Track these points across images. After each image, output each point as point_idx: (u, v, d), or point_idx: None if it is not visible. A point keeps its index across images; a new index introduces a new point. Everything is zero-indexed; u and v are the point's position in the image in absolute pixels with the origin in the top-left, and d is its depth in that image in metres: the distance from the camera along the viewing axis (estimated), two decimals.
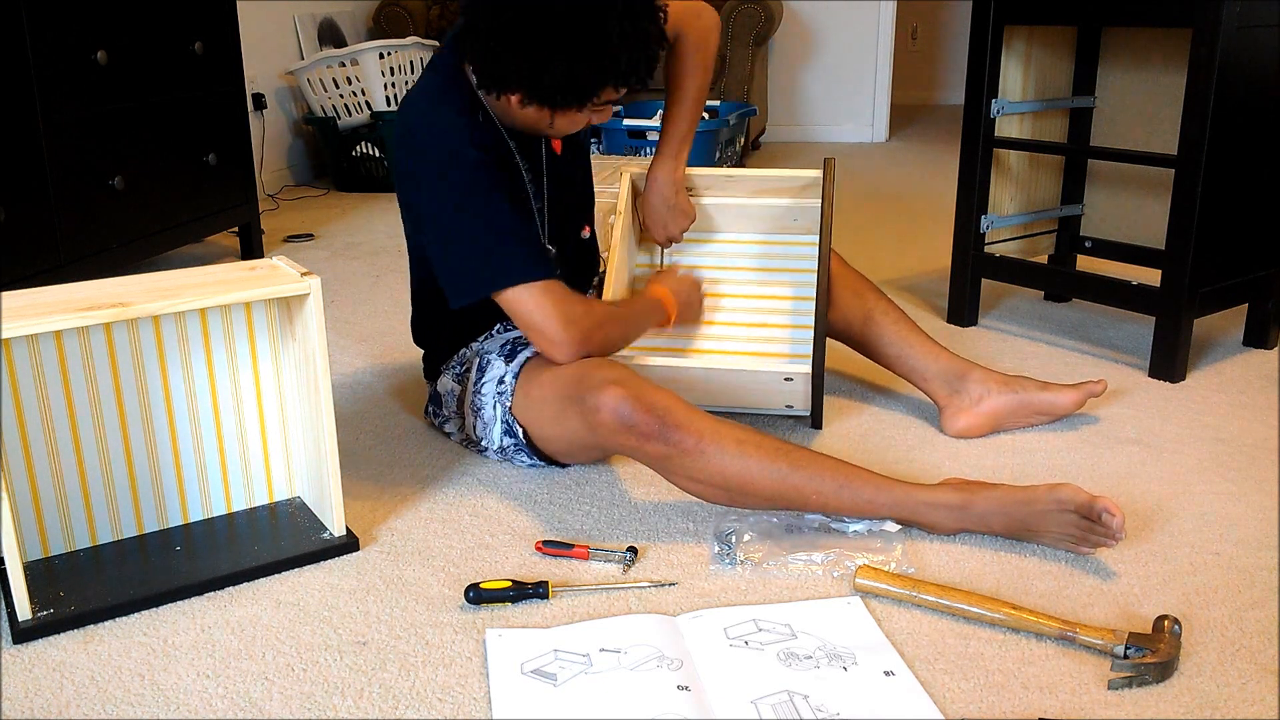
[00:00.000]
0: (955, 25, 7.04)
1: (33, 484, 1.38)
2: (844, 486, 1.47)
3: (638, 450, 1.48)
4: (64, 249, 2.35)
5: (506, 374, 1.65)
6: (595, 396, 1.47)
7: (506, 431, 1.66)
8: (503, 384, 1.65)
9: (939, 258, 3.00)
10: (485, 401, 1.67)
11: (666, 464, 1.48)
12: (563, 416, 1.55)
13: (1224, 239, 2.04)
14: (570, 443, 1.59)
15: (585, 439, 1.54)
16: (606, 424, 1.47)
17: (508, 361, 1.66)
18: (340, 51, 4.10)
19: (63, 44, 2.32)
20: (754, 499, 1.49)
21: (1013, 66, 2.34)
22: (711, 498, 1.51)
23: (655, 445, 1.46)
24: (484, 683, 1.19)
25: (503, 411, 1.65)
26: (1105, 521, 1.37)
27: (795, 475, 1.46)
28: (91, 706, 1.16)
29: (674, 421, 1.46)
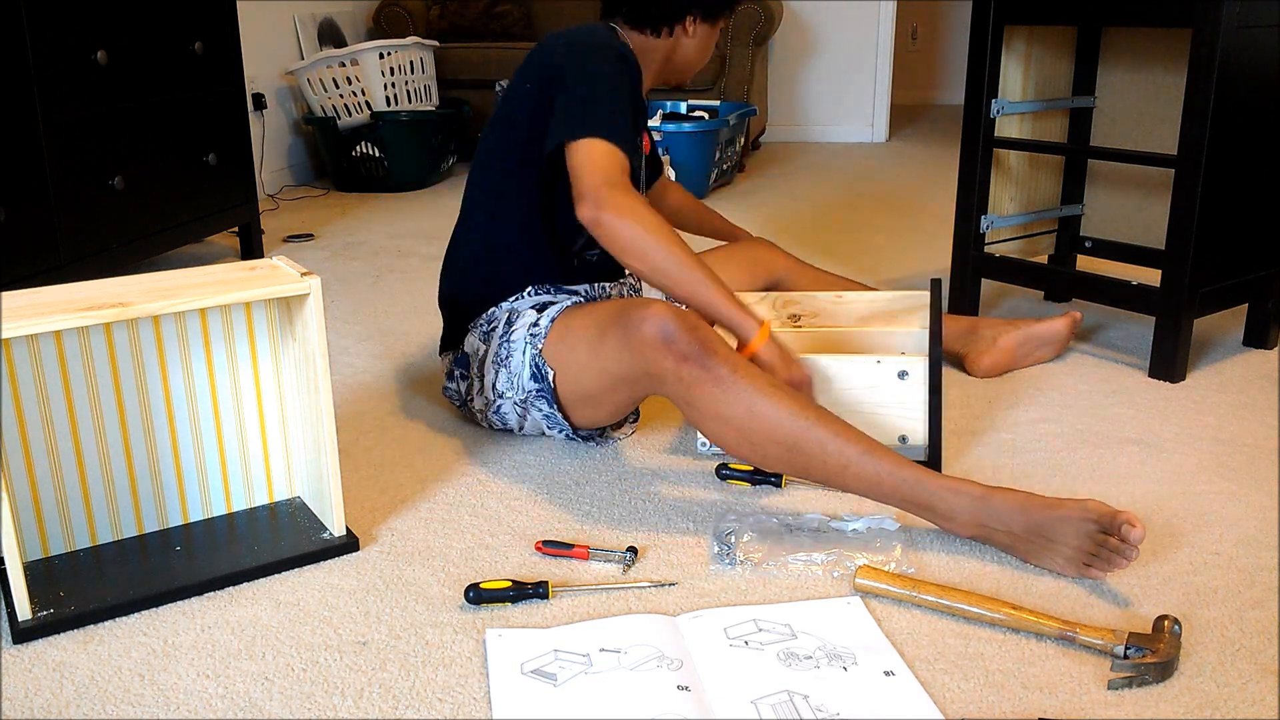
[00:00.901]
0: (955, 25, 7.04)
1: (33, 484, 1.38)
2: (866, 454, 1.43)
3: (671, 372, 1.47)
4: (64, 249, 2.35)
5: (542, 319, 1.68)
6: (640, 313, 1.50)
7: (534, 376, 1.67)
8: (537, 326, 1.68)
9: (939, 258, 3.00)
10: (515, 347, 1.69)
11: (695, 390, 1.47)
12: (601, 343, 1.57)
13: (1224, 239, 2.04)
14: (600, 376, 1.59)
15: (621, 364, 1.54)
16: (648, 339, 1.48)
17: (540, 311, 1.71)
18: (340, 51, 4.10)
19: (63, 44, 2.32)
20: (773, 447, 1.45)
21: (1013, 66, 2.34)
22: (730, 441, 1.48)
23: (691, 367, 1.46)
24: (484, 683, 1.19)
25: (533, 354, 1.66)
26: (1125, 534, 1.32)
27: (819, 430, 1.44)
28: (91, 706, 1.16)
29: (711, 349, 1.47)
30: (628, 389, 1.60)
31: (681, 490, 1.64)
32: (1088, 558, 1.36)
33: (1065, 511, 1.37)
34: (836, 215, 3.70)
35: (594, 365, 1.60)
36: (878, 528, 1.49)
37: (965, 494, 1.42)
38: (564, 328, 1.65)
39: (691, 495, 1.63)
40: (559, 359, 1.65)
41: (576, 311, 1.67)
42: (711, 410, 1.47)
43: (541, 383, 1.67)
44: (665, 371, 1.48)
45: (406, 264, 3.03)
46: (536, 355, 1.66)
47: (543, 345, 1.66)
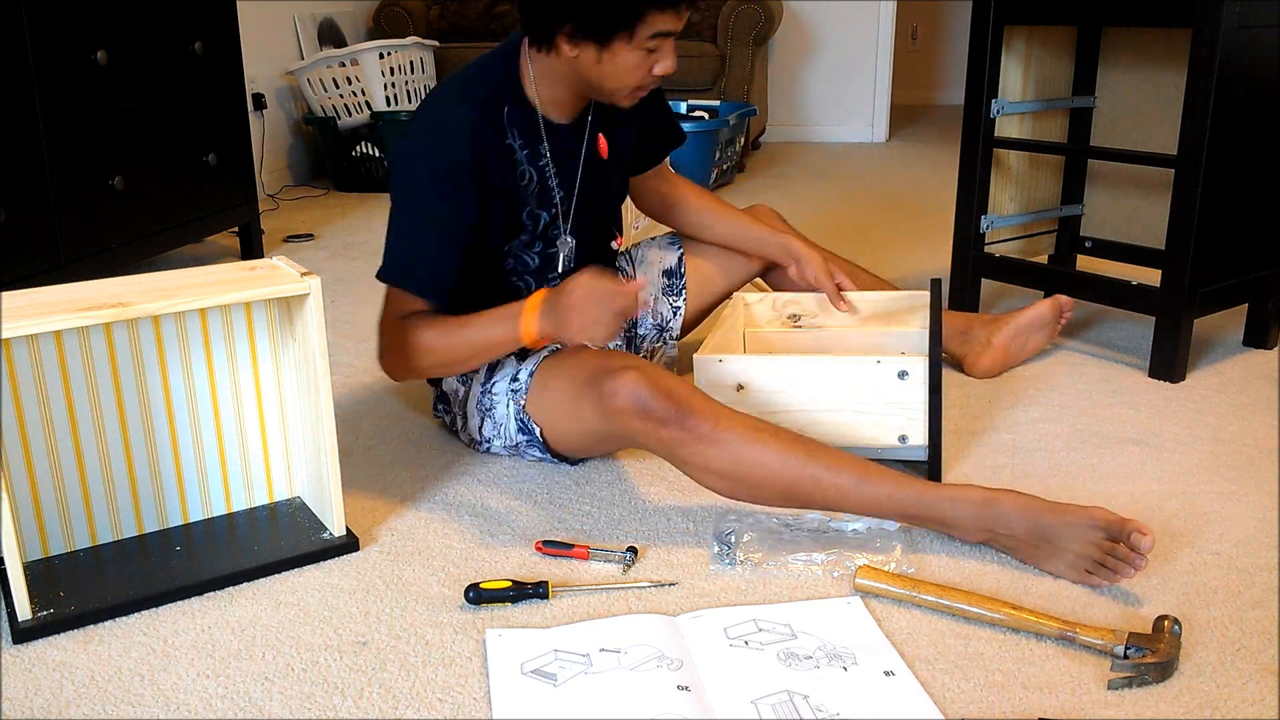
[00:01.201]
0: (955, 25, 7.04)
1: (33, 484, 1.38)
2: (863, 480, 1.43)
3: (652, 436, 1.46)
4: (64, 249, 2.35)
5: (521, 371, 1.64)
6: (612, 381, 1.47)
7: (520, 429, 1.66)
8: (516, 381, 1.64)
9: (939, 258, 3.00)
10: (498, 400, 1.67)
11: (680, 451, 1.46)
12: (578, 406, 1.54)
13: (1224, 239, 2.04)
14: (584, 435, 1.58)
15: (600, 427, 1.52)
16: (622, 409, 1.46)
17: (519, 360, 1.66)
18: (340, 51, 4.10)
19: (63, 44, 2.32)
20: (768, 491, 1.46)
21: (1013, 66, 2.34)
22: (725, 490, 1.48)
23: (670, 430, 1.44)
24: (484, 683, 1.19)
25: (517, 410, 1.65)
26: (1134, 542, 1.30)
27: (812, 465, 1.43)
28: (91, 706, 1.16)
29: (689, 407, 1.45)
30: (614, 443, 1.60)
31: (681, 490, 1.64)
32: (1092, 565, 1.35)
33: (1071, 517, 1.36)
34: (836, 215, 3.70)
35: (575, 427, 1.59)
36: (878, 528, 1.49)
37: (968, 501, 1.41)
38: (541, 387, 1.61)
39: (691, 495, 1.63)
40: (542, 412, 1.62)
41: (551, 367, 1.62)
42: (701, 465, 1.47)
43: (530, 435, 1.66)
44: (647, 437, 1.48)
45: None
46: (520, 411, 1.64)
47: (525, 401, 1.63)
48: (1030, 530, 1.38)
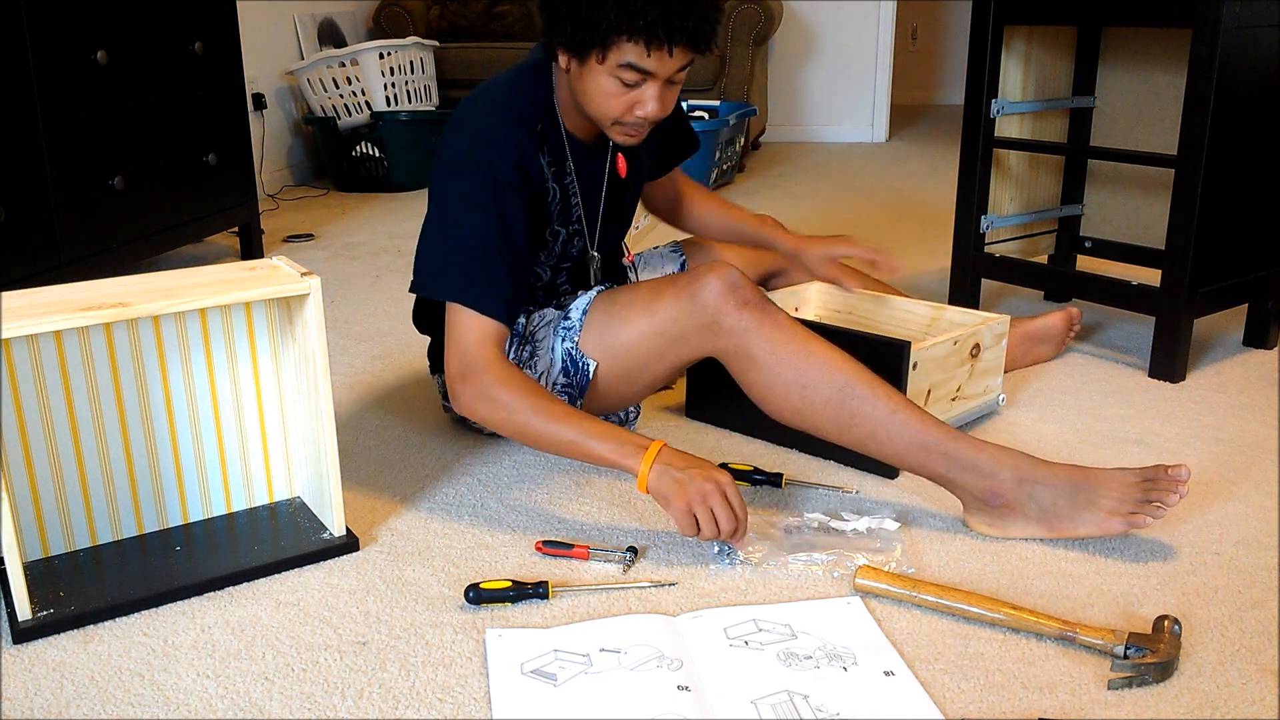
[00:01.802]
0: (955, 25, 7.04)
1: (33, 484, 1.38)
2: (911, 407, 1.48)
3: (731, 316, 1.51)
4: (64, 249, 2.35)
5: (572, 310, 1.65)
6: (704, 270, 1.54)
7: (566, 370, 1.63)
8: (568, 319, 1.64)
9: (939, 258, 3.00)
10: (541, 346, 1.66)
11: (753, 336, 1.50)
12: (655, 304, 1.57)
13: (1224, 239, 2.04)
14: (652, 340, 1.58)
15: (677, 321, 1.55)
16: (713, 286, 1.51)
17: (559, 308, 1.69)
18: (340, 51, 4.10)
19: (63, 44, 2.32)
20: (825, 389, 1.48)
21: (1013, 66, 2.34)
22: (780, 390, 1.51)
23: (752, 311, 1.51)
24: (484, 683, 1.19)
25: (568, 348, 1.63)
26: (1172, 474, 1.38)
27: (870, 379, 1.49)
28: (91, 706, 1.16)
29: (770, 302, 1.54)
30: (677, 351, 1.58)
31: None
32: (1134, 505, 1.40)
33: (1106, 471, 1.44)
34: (836, 215, 3.70)
35: (646, 329, 1.58)
36: (878, 528, 1.49)
37: (1008, 452, 1.45)
38: (606, 308, 1.62)
39: None
40: (599, 345, 1.61)
41: (613, 293, 1.65)
42: (766, 355, 1.51)
43: (572, 376, 1.63)
44: (726, 317, 1.51)
45: (406, 264, 3.03)
46: (573, 348, 1.63)
47: (579, 338, 1.62)
48: (1070, 480, 1.43)
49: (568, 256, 1.74)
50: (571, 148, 1.65)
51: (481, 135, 1.56)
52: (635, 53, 1.45)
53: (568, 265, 1.75)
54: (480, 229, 1.52)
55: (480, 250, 1.52)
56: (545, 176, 1.62)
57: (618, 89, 1.50)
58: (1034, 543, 1.47)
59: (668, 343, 1.58)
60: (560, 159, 1.64)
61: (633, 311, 1.60)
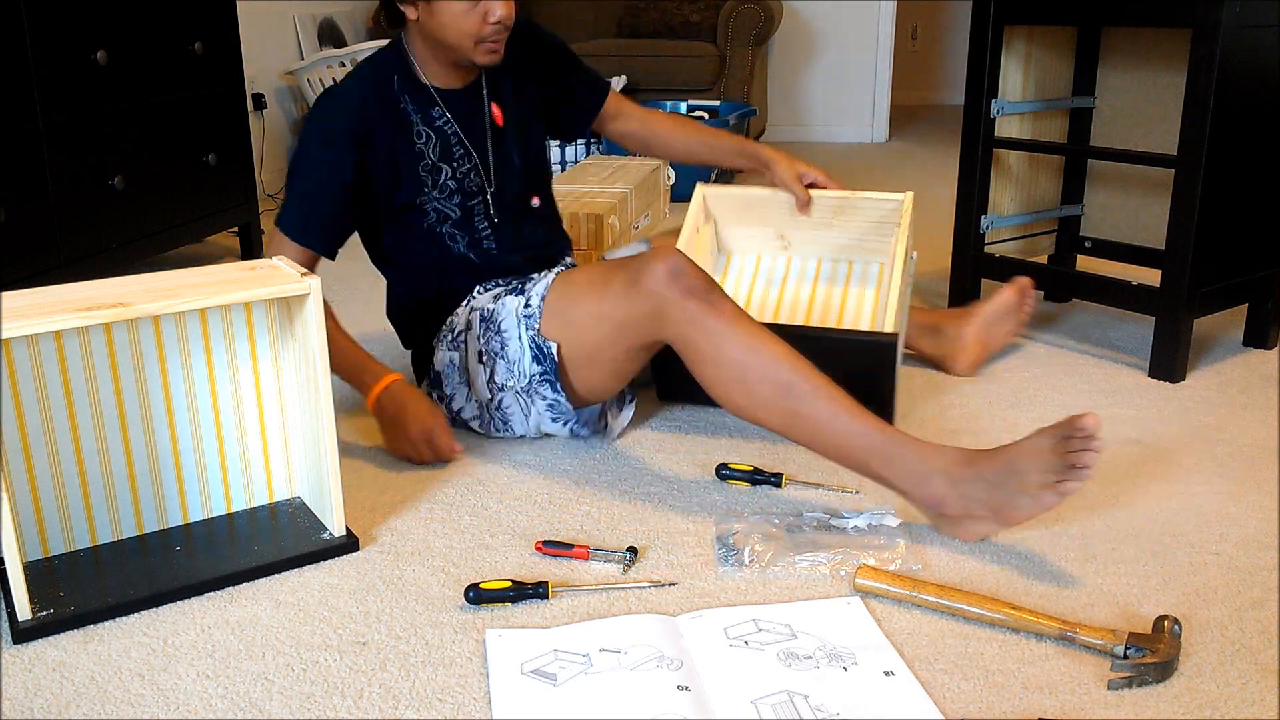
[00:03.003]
0: (955, 25, 7.04)
1: (33, 484, 1.38)
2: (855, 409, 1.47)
3: (677, 306, 1.53)
4: (64, 249, 2.35)
5: (531, 297, 1.70)
6: (653, 258, 1.57)
7: (536, 358, 1.68)
8: (528, 308, 1.69)
9: (939, 258, 3.00)
10: (508, 336, 1.70)
11: (700, 325, 1.53)
12: (605, 288, 1.61)
13: (1224, 239, 2.04)
14: (604, 324, 1.62)
15: (626, 308, 1.58)
16: (657, 274, 1.54)
17: (520, 292, 1.73)
18: (340, 51, 4.09)
19: (63, 44, 2.32)
20: (766, 388, 1.49)
21: (1013, 66, 2.34)
22: (724, 383, 1.53)
23: (697, 302, 1.53)
24: (484, 683, 1.19)
25: (531, 334, 1.68)
26: (1080, 426, 1.33)
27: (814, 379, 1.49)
28: (91, 706, 1.16)
29: (716, 288, 1.56)
30: (630, 336, 1.61)
31: (681, 490, 1.64)
32: (1058, 472, 1.34)
33: (1023, 444, 1.38)
34: None
35: (596, 313, 1.63)
36: (879, 524, 1.49)
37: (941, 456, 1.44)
38: (562, 290, 1.68)
39: (691, 495, 1.63)
40: (558, 328, 1.67)
41: (570, 275, 1.71)
42: (711, 349, 1.53)
43: (544, 363, 1.68)
44: (671, 306, 1.54)
45: None
46: (535, 335, 1.68)
47: (540, 324, 1.68)
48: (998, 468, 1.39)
49: (470, 193, 1.80)
50: (442, 96, 1.78)
51: (329, 94, 1.79)
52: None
53: (476, 203, 1.81)
54: (306, 177, 1.75)
55: (302, 185, 1.75)
56: (411, 121, 1.77)
57: (469, 8, 1.66)
58: (1034, 543, 1.47)
59: (617, 328, 1.62)
60: (426, 105, 1.78)
61: (585, 295, 1.66)
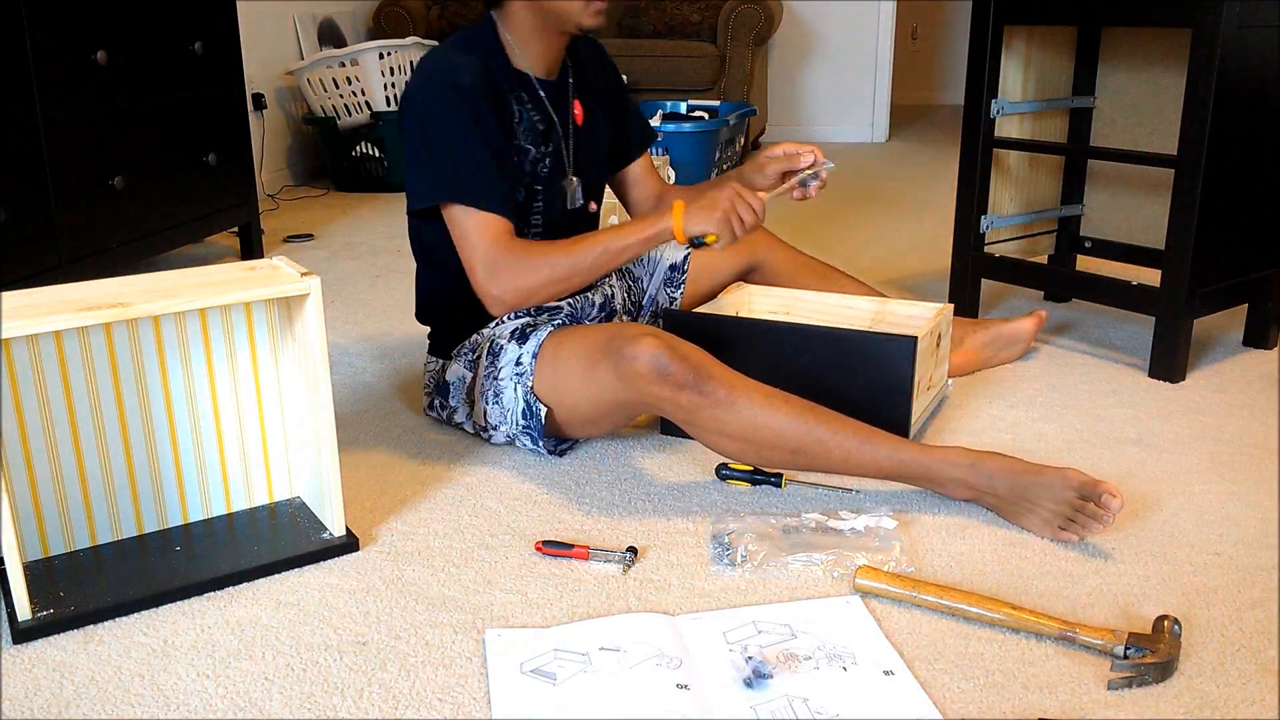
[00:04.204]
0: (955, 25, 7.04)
1: (33, 484, 1.38)
2: (865, 442, 1.53)
3: (669, 401, 1.53)
4: (64, 249, 2.35)
5: (523, 355, 1.68)
6: (632, 348, 1.53)
7: (524, 412, 1.68)
8: (520, 365, 1.68)
9: (939, 258, 3.00)
10: (504, 386, 1.69)
11: (697, 415, 1.53)
12: (593, 374, 1.59)
13: (1224, 239, 2.04)
14: (598, 404, 1.62)
15: (616, 395, 1.58)
16: (642, 374, 1.52)
17: (520, 344, 1.69)
18: (340, 51, 4.10)
19: (63, 44, 2.32)
20: (778, 452, 1.54)
21: (1013, 66, 2.34)
22: (736, 452, 1.57)
23: (688, 395, 1.52)
24: (484, 683, 1.19)
25: (524, 392, 1.67)
26: (1105, 503, 1.41)
27: (820, 429, 1.53)
28: (91, 706, 1.16)
29: (707, 373, 1.53)
30: (625, 412, 1.64)
31: (681, 490, 1.64)
32: (1064, 521, 1.45)
33: (1048, 478, 1.47)
34: (836, 215, 3.70)
35: (587, 395, 1.62)
36: (876, 526, 1.49)
37: (956, 464, 1.53)
38: (552, 358, 1.65)
39: (691, 495, 1.63)
40: (550, 393, 1.65)
41: (560, 339, 1.66)
42: (714, 428, 1.55)
43: (530, 419, 1.68)
44: (663, 401, 1.54)
45: (406, 264, 3.03)
46: (528, 393, 1.67)
47: (532, 383, 1.66)
48: (1011, 488, 1.49)
49: (539, 178, 1.77)
50: (536, 83, 1.74)
51: (441, 61, 1.66)
52: None
53: (540, 189, 1.78)
54: (461, 133, 1.62)
55: (465, 149, 1.62)
56: (508, 99, 1.71)
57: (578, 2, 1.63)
58: (1034, 543, 1.47)
59: (613, 406, 1.62)
60: (519, 89, 1.72)
61: (574, 373, 1.63)
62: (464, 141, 1.61)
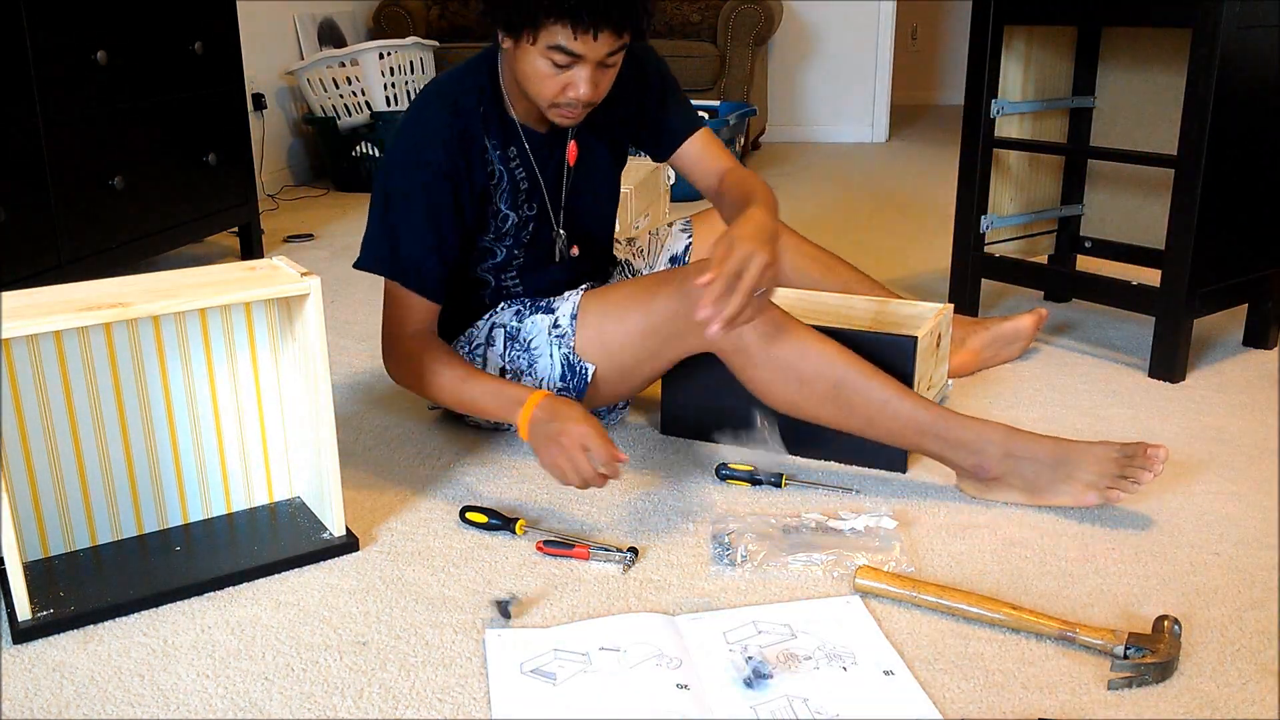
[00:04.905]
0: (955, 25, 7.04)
1: (33, 484, 1.38)
2: (904, 396, 1.55)
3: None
4: (64, 249, 2.35)
5: (560, 317, 1.68)
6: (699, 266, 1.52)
7: (564, 374, 1.67)
8: (559, 327, 1.67)
9: (939, 258, 3.00)
10: (539, 354, 1.69)
11: (749, 334, 1.55)
12: (651, 304, 1.61)
13: (1224, 239, 2.04)
14: (648, 337, 1.62)
15: (675, 319, 1.58)
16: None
17: (548, 311, 1.70)
18: (340, 51, 4.10)
19: (63, 44, 2.32)
20: (820, 385, 1.56)
21: (1013, 66, 2.34)
22: (779, 384, 1.58)
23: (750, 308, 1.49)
24: (484, 683, 1.19)
25: (565, 352, 1.67)
26: (1150, 454, 1.46)
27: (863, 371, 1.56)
28: (91, 706, 1.16)
29: (764, 300, 1.49)
30: (673, 347, 1.63)
31: (681, 490, 1.64)
32: (1112, 480, 1.49)
33: (1086, 446, 1.51)
34: (836, 215, 3.70)
35: (642, 326, 1.62)
36: (876, 526, 1.49)
37: (994, 428, 1.54)
38: (597, 309, 1.66)
39: (691, 495, 1.63)
40: (594, 347, 1.65)
41: (603, 293, 1.68)
42: (762, 354, 1.56)
43: (569, 380, 1.67)
44: None
45: None
46: (569, 353, 1.66)
47: (575, 343, 1.66)
48: (1051, 453, 1.52)
49: (521, 240, 1.74)
50: (525, 133, 1.69)
51: (415, 120, 1.64)
52: (564, 35, 1.48)
53: (525, 245, 1.75)
54: (411, 213, 1.62)
55: (412, 236, 1.62)
56: (491, 159, 1.67)
57: (550, 70, 1.53)
58: (1034, 543, 1.47)
59: (664, 340, 1.62)
60: (506, 142, 1.68)
61: (629, 310, 1.63)
62: (412, 223, 1.62)
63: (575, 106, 1.57)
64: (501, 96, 1.67)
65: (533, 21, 1.48)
